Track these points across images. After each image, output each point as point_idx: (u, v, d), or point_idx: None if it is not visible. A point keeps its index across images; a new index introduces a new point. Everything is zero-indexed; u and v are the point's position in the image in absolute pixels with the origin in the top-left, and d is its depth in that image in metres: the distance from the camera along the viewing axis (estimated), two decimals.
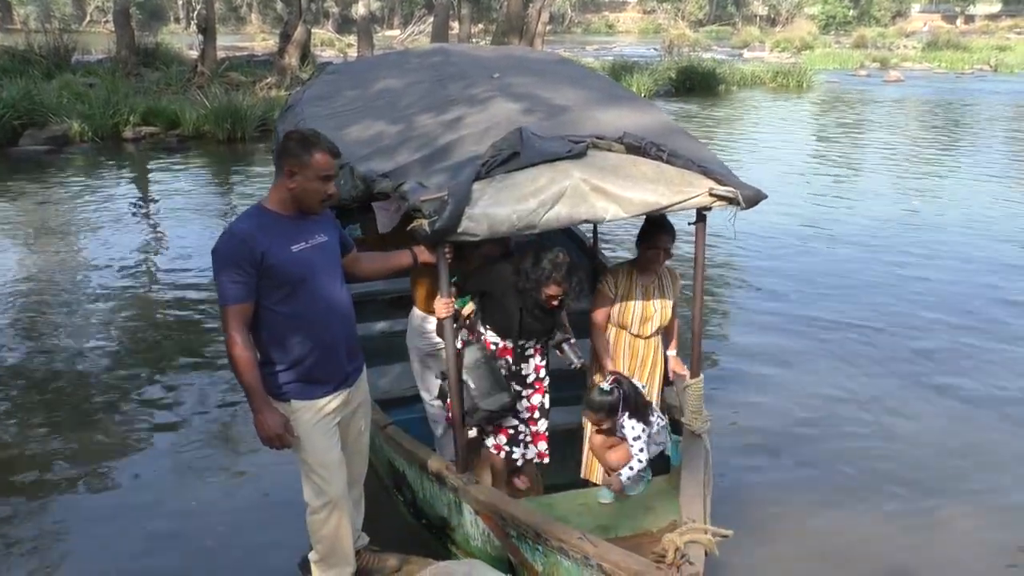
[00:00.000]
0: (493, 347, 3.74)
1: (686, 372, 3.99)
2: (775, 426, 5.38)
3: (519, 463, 3.89)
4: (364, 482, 3.63)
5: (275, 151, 3.12)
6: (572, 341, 3.81)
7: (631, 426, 3.69)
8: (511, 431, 3.81)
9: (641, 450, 3.70)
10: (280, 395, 3.11)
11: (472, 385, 3.53)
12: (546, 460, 3.89)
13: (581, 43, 43.61)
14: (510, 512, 3.31)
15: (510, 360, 3.75)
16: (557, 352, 3.84)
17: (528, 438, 3.86)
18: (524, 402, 3.82)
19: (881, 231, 9.89)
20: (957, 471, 4.90)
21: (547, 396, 3.87)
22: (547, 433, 3.87)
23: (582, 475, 4.14)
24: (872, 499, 4.60)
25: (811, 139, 17.36)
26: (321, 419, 3.18)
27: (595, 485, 3.93)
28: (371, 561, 3.61)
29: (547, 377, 3.87)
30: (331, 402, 3.20)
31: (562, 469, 4.11)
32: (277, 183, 3.07)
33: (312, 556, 3.40)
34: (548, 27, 28.60)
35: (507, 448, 3.82)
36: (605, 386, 3.69)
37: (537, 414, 3.85)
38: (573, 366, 3.79)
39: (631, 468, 3.66)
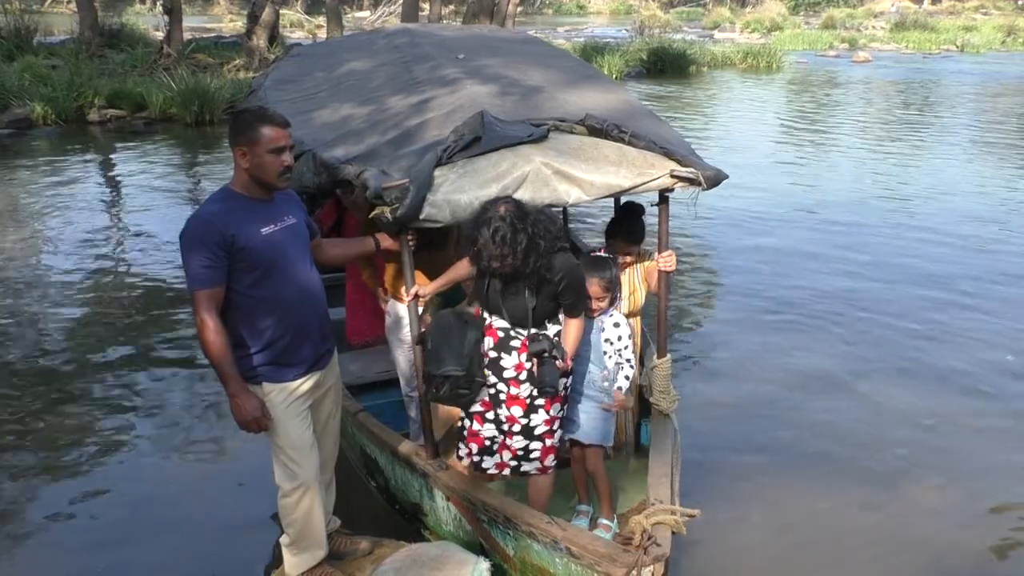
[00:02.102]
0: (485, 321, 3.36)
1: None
2: (743, 405, 5.45)
3: (491, 472, 3.44)
4: (336, 466, 3.63)
5: (228, 135, 3.09)
6: (555, 359, 3.19)
7: (620, 321, 3.55)
8: (487, 441, 3.40)
9: (626, 348, 3.52)
10: (252, 378, 3.10)
11: (428, 347, 3.27)
12: (505, 472, 3.43)
13: (552, 24, 43.37)
14: (480, 497, 3.34)
15: (492, 343, 3.33)
16: (534, 364, 3.25)
17: (504, 448, 3.40)
18: (503, 409, 3.34)
19: (849, 210, 9.99)
20: (924, 445, 4.99)
21: (538, 413, 3.30)
22: (521, 450, 3.35)
23: None
24: (840, 476, 4.67)
25: (781, 120, 17.46)
26: (293, 401, 3.18)
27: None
28: (343, 544, 3.62)
29: (541, 391, 3.23)
30: (303, 384, 3.20)
31: None
32: (235, 166, 3.06)
33: (283, 540, 3.41)
34: (519, 8, 28.42)
35: (476, 457, 3.44)
36: (603, 254, 3.59)
37: (516, 427, 3.33)
38: (543, 387, 3.20)
39: (627, 378, 3.52)
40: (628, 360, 3.55)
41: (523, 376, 3.29)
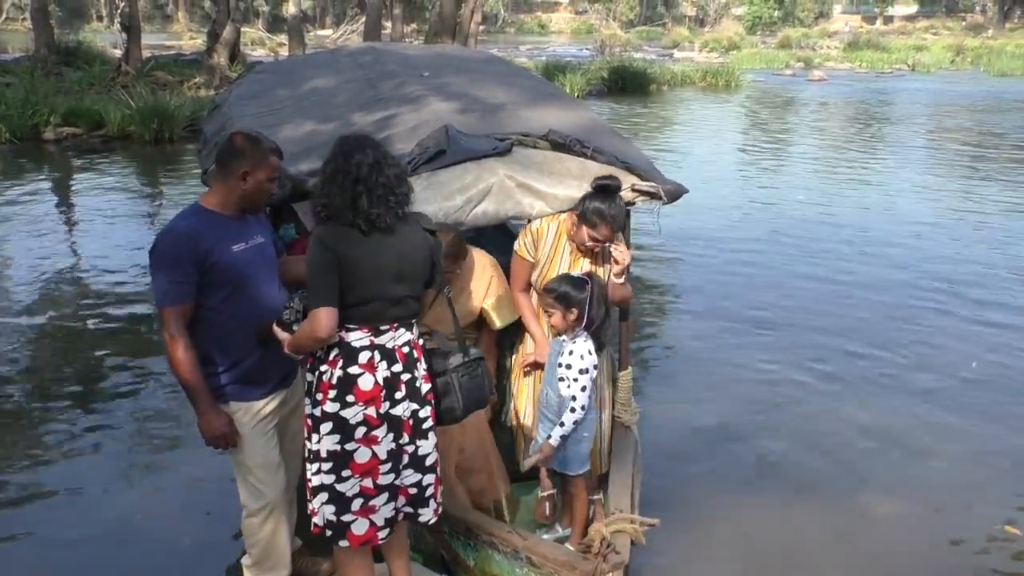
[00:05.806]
0: None
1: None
2: (703, 418, 5.47)
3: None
4: (298, 486, 3.60)
5: (221, 152, 3.07)
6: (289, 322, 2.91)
7: (582, 351, 3.25)
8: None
9: (584, 389, 3.20)
10: (218, 397, 3.08)
11: None
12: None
13: (514, 43, 43.75)
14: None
15: None
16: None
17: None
18: None
19: (808, 226, 10.14)
20: (886, 459, 5.02)
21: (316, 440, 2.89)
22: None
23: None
24: (799, 489, 4.70)
25: (739, 137, 17.76)
26: (259, 421, 3.16)
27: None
28: (305, 565, 3.57)
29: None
30: (269, 403, 3.18)
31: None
32: (222, 184, 3.04)
33: (246, 560, 3.37)
34: (481, 27, 28.64)
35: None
36: (576, 274, 3.30)
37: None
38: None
39: (563, 437, 3.23)
40: (573, 399, 3.22)
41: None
